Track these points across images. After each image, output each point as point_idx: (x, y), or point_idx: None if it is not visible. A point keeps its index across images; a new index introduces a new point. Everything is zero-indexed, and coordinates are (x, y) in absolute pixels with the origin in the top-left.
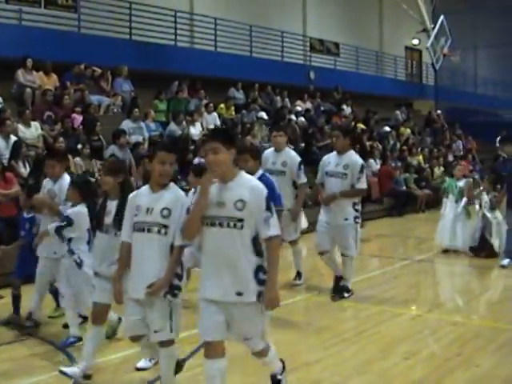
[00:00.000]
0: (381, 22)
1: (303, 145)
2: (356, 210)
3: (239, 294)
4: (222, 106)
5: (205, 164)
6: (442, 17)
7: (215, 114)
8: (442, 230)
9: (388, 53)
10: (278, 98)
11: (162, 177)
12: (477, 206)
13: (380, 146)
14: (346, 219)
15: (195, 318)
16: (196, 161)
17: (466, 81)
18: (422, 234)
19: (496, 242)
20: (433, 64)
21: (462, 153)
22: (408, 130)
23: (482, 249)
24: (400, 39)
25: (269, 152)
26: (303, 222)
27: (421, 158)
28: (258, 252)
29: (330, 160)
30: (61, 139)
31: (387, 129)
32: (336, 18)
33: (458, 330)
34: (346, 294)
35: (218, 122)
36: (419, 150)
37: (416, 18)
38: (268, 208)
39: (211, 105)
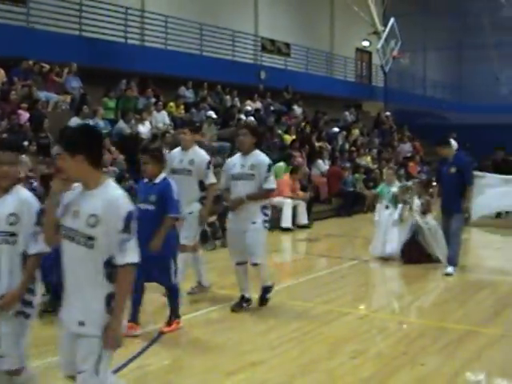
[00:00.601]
0: (332, 24)
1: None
2: (265, 214)
3: (81, 323)
4: (172, 104)
5: None
6: (392, 19)
7: (164, 112)
8: (375, 239)
9: (338, 54)
10: (228, 97)
11: (0, 179)
12: (406, 211)
13: (329, 147)
14: (254, 223)
15: None
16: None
17: (415, 83)
18: (370, 234)
19: (431, 249)
20: (382, 66)
21: (409, 154)
22: (357, 131)
23: (411, 253)
24: (350, 41)
25: (176, 151)
26: None
27: (369, 158)
28: (112, 277)
29: (234, 162)
30: (4, 135)
31: (336, 129)
32: (287, 18)
33: (404, 329)
34: (266, 295)
35: (168, 121)
36: (368, 150)
37: (367, 20)
38: (126, 229)
39: (160, 103)
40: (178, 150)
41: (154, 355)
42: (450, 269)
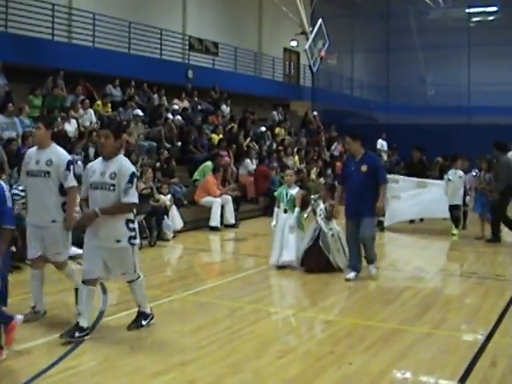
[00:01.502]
0: (260, 23)
1: (180, 144)
2: (131, 229)
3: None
4: (99, 102)
5: None
6: (320, 20)
7: (91, 110)
8: (273, 246)
9: (266, 54)
10: (156, 95)
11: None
12: (304, 215)
13: (256, 146)
14: (118, 241)
15: None
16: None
17: (343, 83)
18: None
19: (332, 256)
20: (310, 66)
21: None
22: (282, 131)
23: (312, 261)
24: (279, 40)
25: (32, 150)
26: (178, 222)
27: (297, 158)
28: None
29: (94, 168)
30: None
31: (263, 129)
32: (216, 17)
33: (331, 328)
34: (143, 322)
35: (94, 119)
36: (295, 150)
37: (295, 21)
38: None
39: (87, 101)
40: (33, 149)
41: (80, 356)
42: (351, 274)
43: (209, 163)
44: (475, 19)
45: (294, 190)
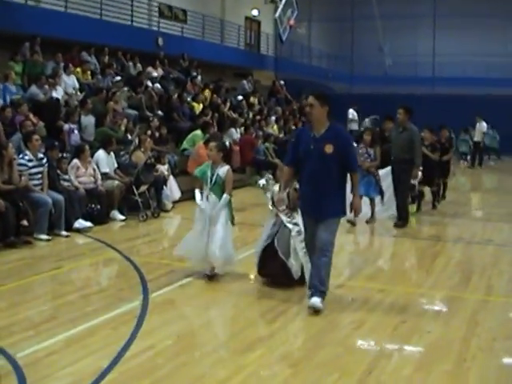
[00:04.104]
0: None
1: (160, 112)
2: None
3: None
4: (79, 69)
5: None
6: None
7: (74, 77)
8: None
9: (230, 22)
10: (131, 63)
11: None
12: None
13: (235, 115)
14: None
15: None
16: (66, 127)
17: (303, 53)
18: None
19: (296, 263)
20: (279, 35)
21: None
22: (256, 100)
23: (270, 266)
24: (241, 9)
25: None
26: (176, 192)
27: (276, 127)
28: None
29: None
30: None
31: (240, 98)
32: None
33: (387, 297)
34: None
35: (77, 85)
36: (274, 120)
37: None
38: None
39: (71, 68)
40: None
41: (149, 335)
42: (317, 300)
43: (198, 132)
44: None
45: (222, 170)
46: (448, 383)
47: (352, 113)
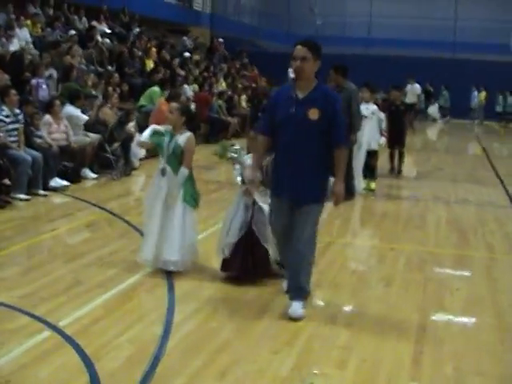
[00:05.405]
0: None
1: (110, 68)
2: None
3: None
4: (29, 22)
5: None
6: None
7: (26, 29)
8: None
9: None
10: (76, 17)
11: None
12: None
13: (183, 72)
14: None
15: None
16: (34, 82)
17: (236, 10)
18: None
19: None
20: None
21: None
22: (198, 57)
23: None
24: None
25: None
26: (141, 150)
27: (224, 85)
28: None
29: None
30: None
31: (187, 54)
32: None
33: (401, 256)
34: None
35: (30, 39)
36: (223, 77)
37: None
38: None
39: (23, 20)
40: None
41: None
42: (297, 307)
43: (156, 89)
44: None
45: (182, 137)
46: (497, 336)
47: (292, 72)
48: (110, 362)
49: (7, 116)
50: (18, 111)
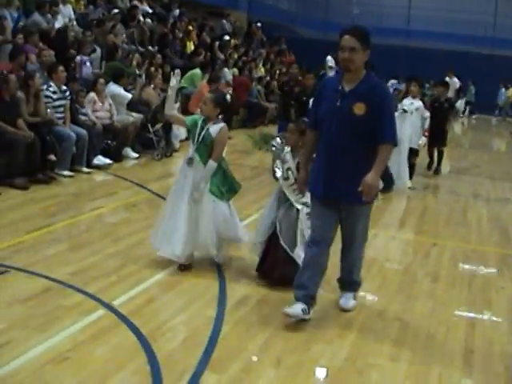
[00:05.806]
0: None
1: (151, 48)
2: None
3: None
4: None
5: None
6: None
7: (70, 6)
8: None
9: None
10: None
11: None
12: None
13: (222, 56)
14: None
15: None
16: (78, 59)
17: None
18: None
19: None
20: None
21: None
22: (236, 42)
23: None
24: None
25: None
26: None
27: (263, 70)
28: None
29: None
30: None
31: (227, 37)
32: None
33: (445, 252)
34: None
35: (73, 16)
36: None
37: None
38: None
39: None
40: None
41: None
42: (348, 298)
43: (197, 71)
44: None
45: (215, 128)
46: None
47: (331, 60)
48: (166, 344)
49: (54, 92)
50: (64, 88)
